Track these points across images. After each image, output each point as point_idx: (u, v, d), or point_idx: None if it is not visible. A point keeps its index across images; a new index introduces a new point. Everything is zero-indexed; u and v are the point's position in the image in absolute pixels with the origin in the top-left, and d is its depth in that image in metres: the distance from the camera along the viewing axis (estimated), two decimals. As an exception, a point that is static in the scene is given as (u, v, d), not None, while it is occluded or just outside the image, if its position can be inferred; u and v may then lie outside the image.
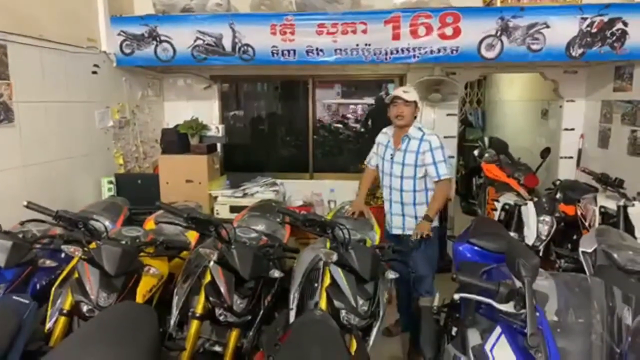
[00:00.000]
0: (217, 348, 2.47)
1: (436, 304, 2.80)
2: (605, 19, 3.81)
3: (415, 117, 3.13)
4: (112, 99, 4.41)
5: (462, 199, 7.33)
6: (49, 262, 2.54)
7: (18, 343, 1.60)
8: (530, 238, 3.36)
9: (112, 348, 1.37)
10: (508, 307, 1.51)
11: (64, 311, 2.25)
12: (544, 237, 3.37)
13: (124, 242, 2.43)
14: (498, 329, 1.48)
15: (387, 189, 3.18)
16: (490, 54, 3.98)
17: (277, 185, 4.45)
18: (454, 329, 2.51)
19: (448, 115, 5.22)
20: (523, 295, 1.48)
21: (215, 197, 4.25)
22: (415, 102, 3.03)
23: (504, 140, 6.35)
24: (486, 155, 6.72)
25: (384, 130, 3.31)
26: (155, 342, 1.50)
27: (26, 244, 2.52)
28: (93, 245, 2.32)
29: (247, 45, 4.17)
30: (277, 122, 5.75)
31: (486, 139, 7.79)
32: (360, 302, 2.15)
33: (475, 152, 7.49)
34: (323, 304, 2.17)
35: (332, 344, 1.52)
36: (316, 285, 2.37)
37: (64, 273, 2.49)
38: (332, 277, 2.19)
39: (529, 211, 3.41)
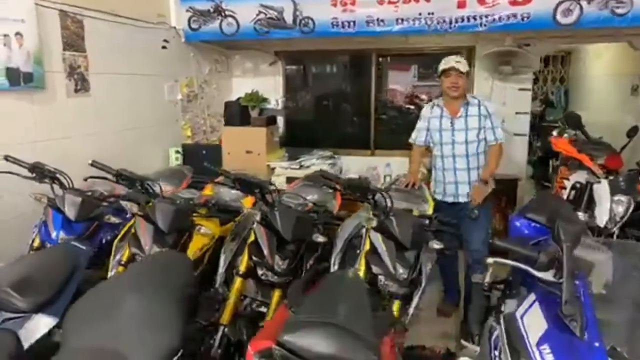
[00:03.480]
0: (264, 309, 2.54)
1: (487, 280, 2.67)
2: None
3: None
4: (181, 73, 4.63)
5: (536, 182, 6.91)
6: (113, 219, 2.75)
7: (71, 283, 1.76)
8: (602, 219, 3.08)
9: (142, 293, 1.45)
10: (547, 275, 1.41)
11: (122, 262, 2.43)
12: (618, 219, 3.07)
13: (178, 202, 2.56)
14: (532, 297, 1.38)
15: (448, 159, 3.13)
16: (567, 20, 3.65)
17: (334, 158, 4.46)
18: (504, 304, 2.40)
19: (520, 90, 4.91)
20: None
21: (273, 168, 4.36)
22: (467, 72, 3.05)
23: (577, 113, 5.85)
24: (565, 135, 6.26)
25: (430, 104, 3.29)
26: (187, 288, 1.57)
27: (94, 200, 2.73)
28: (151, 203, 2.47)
29: (308, 17, 4.17)
30: (340, 98, 5.73)
31: (566, 118, 7.24)
32: (400, 270, 2.11)
33: (554, 133, 6.96)
34: (362, 270, 2.15)
35: (358, 301, 1.51)
36: (358, 252, 2.35)
37: (125, 229, 2.68)
38: (372, 244, 2.17)
39: (601, 190, 3.12)
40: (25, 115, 3.00)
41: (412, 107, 5.71)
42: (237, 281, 2.28)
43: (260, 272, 2.28)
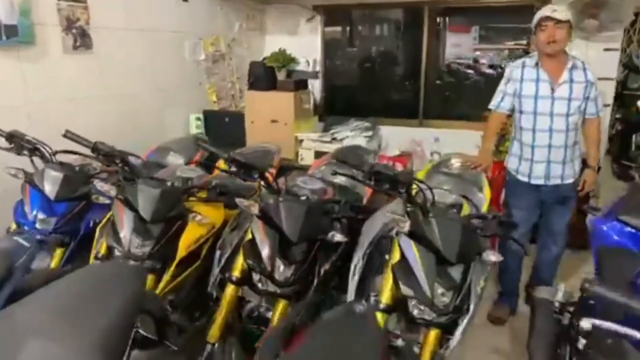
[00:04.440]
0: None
1: (559, 299, 2.05)
2: None
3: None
4: (205, 30, 4.13)
5: (613, 159, 5.99)
6: (102, 199, 2.34)
7: (5, 288, 1.35)
8: None
9: (52, 336, 1.00)
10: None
11: (99, 255, 2.02)
12: None
13: (168, 183, 2.10)
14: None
15: (543, 134, 2.59)
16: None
17: (372, 130, 3.85)
18: (582, 341, 1.79)
19: (606, 50, 4.04)
20: None
21: (301, 141, 3.82)
22: (569, 21, 2.45)
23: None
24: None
25: (518, 62, 2.67)
26: (130, 317, 1.10)
27: (80, 177, 2.34)
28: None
29: (347, -39, 3.52)
30: (386, 60, 5.09)
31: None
32: (439, 290, 1.54)
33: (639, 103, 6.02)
34: (387, 288, 1.60)
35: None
36: (387, 257, 1.80)
37: (111, 212, 2.27)
38: (402, 253, 1.60)
39: None
40: (12, 75, 2.62)
41: (471, 72, 5.01)
42: (230, 289, 1.82)
43: (256, 278, 1.79)
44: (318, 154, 3.61)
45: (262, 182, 1.83)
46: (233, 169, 1.87)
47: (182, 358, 1.71)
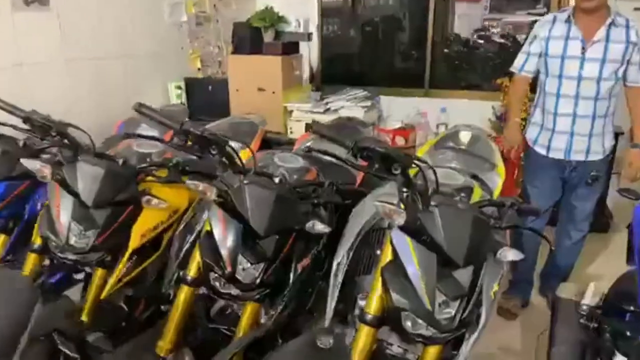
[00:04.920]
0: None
1: (587, 301, 1.70)
2: None
3: None
4: (187, -13, 3.72)
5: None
6: (49, 177, 2.01)
7: None
8: None
9: None
10: None
11: (35, 246, 1.71)
12: None
13: (120, 161, 1.75)
14: None
15: (567, 100, 2.26)
16: None
17: (371, 100, 3.45)
18: (619, 357, 1.45)
19: (636, 9, 3.62)
20: None
21: (291, 112, 3.44)
22: None
23: None
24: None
25: (548, 17, 2.33)
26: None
27: (24, 153, 1.99)
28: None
29: None
30: (389, 24, 4.66)
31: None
32: (441, 299, 1.20)
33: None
34: (375, 295, 1.26)
35: None
36: (379, 253, 1.46)
37: (55, 194, 1.94)
38: (395, 253, 1.25)
39: None
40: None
41: (481, 41, 4.63)
42: (184, 292, 1.49)
43: (212, 277, 1.45)
44: (309, 127, 3.25)
45: (224, 159, 1.47)
46: (189, 143, 1.52)
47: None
